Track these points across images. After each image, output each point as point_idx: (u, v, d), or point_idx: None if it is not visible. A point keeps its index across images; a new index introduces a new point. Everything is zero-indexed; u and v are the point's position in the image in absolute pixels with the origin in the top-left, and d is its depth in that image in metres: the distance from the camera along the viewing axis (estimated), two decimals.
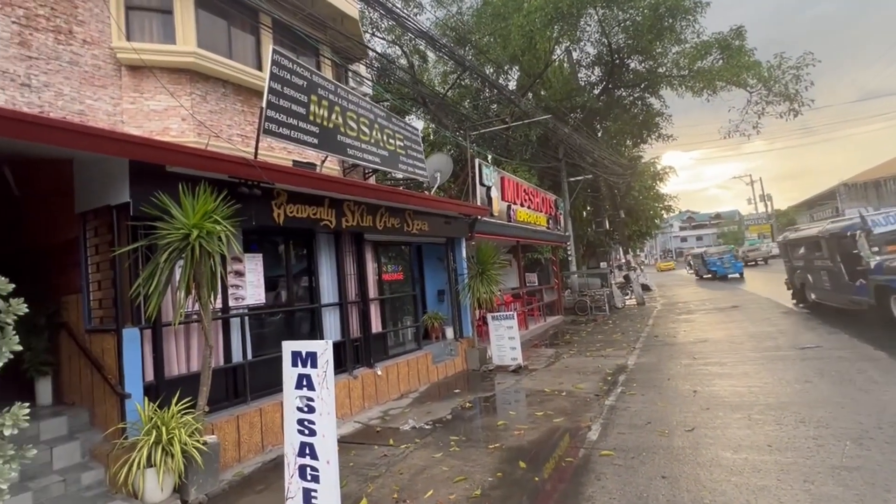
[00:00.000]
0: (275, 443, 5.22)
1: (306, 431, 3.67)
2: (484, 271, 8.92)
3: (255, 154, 5.65)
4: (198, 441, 3.96)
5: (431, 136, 17.38)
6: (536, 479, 3.92)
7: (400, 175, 9.07)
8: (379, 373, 6.90)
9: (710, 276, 28.38)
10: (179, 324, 4.58)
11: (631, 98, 22.63)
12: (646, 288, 24.51)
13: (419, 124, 18.64)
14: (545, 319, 14.94)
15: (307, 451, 3.64)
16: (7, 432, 2.47)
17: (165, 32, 6.93)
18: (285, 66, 6.03)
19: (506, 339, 8.68)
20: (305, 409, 3.70)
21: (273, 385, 5.33)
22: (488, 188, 11.11)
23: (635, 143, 25.13)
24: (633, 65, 21.01)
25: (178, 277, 4.18)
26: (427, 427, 5.59)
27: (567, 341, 11.48)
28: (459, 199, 10.61)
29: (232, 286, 5.46)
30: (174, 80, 6.90)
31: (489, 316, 8.91)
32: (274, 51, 5.83)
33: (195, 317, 4.76)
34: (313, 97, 6.41)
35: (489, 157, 13.62)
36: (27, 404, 2.65)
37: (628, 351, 9.28)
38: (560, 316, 16.43)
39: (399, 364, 7.40)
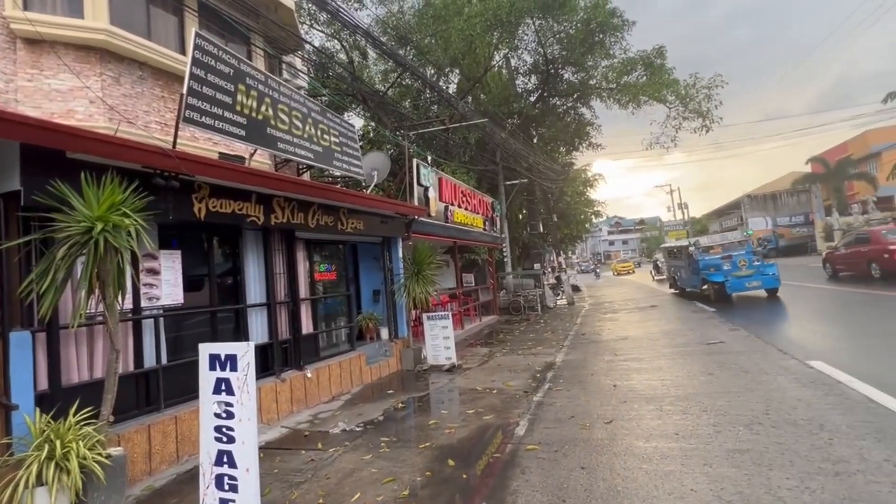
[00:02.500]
0: (192, 452, 4.90)
1: (224, 439, 3.49)
2: (420, 271, 8.93)
3: (174, 143, 5.29)
4: (100, 454, 3.62)
5: (371, 134, 17.15)
6: (465, 475, 3.97)
7: (337, 172, 8.85)
8: (309, 375, 6.69)
9: (703, 289, 14.70)
10: (79, 326, 4.19)
11: (564, 107, 23.66)
12: (575, 289, 25.72)
13: (358, 122, 18.33)
14: (481, 319, 15.22)
15: (225, 460, 3.46)
16: None
17: (72, 5, 6.29)
18: (210, 52, 5.68)
19: (441, 339, 8.74)
20: (224, 415, 3.52)
21: (191, 391, 5.00)
22: (426, 188, 11.14)
23: (568, 151, 26.31)
24: (566, 75, 21.99)
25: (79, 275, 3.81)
26: (358, 429, 5.50)
27: (501, 340, 11.76)
28: (397, 199, 10.55)
29: (145, 285, 5.07)
30: (81, 58, 6.28)
31: (425, 316, 8.93)
32: (197, 34, 5.48)
33: (100, 318, 4.36)
34: (241, 86, 6.10)
35: (429, 157, 13.67)
36: None
37: (557, 349, 9.67)
38: (495, 316, 16.81)
39: (331, 366, 7.22)
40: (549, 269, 27.30)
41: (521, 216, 26.02)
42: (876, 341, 7.07)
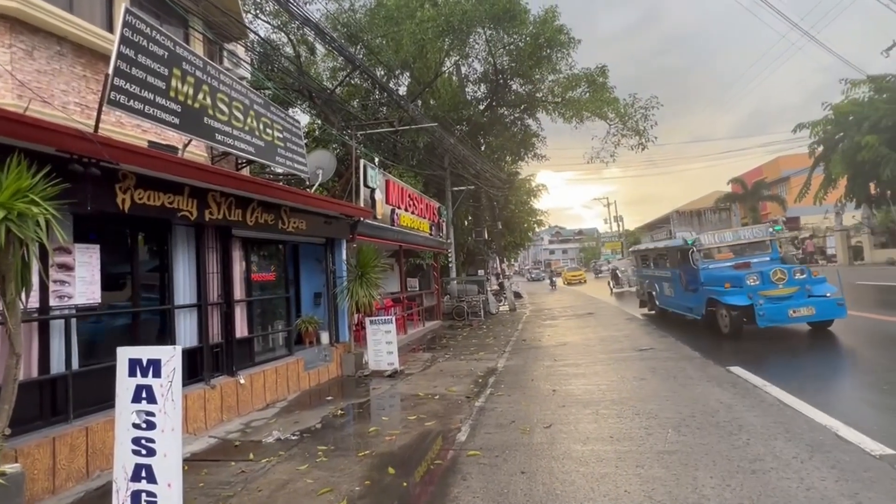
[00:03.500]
0: (105, 467, 4.46)
1: (144, 451, 3.21)
2: (364, 274, 8.73)
3: (96, 127, 4.83)
4: None
5: (317, 132, 16.66)
6: (405, 483, 3.89)
7: (280, 169, 8.49)
8: (242, 381, 6.32)
9: (705, 313, 9.50)
10: None
11: (512, 117, 24.18)
12: (517, 295, 26.30)
13: (303, 119, 17.75)
14: (424, 324, 15.15)
15: (143, 475, 3.18)
16: None
17: None
18: (141, 31, 5.25)
19: (383, 344, 8.58)
20: (144, 425, 3.24)
21: (107, 399, 4.53)
22: (373, 190, 10.96)
23: (514, 160, 26.94)
24: (514, 86, 22.50)
25: None
26: (293, 438, 5.25)
27: (444, 345, 11.76)
28: (343, 200, 10.29)
29: (56, 282, 4.57)
30: None
31: (367, 320, 8.73)
32: (127, 10, 5.05)
33: None
34: (176, 71, 5.69)
35: (376, 159, 13.48)
36: None
37: (499, 354, 9.80)
38: (439, 321, 16.80)
39: (266, 371, 6.86)
40: (493, 276, 27.72)
41: (466, 222, 26.30)
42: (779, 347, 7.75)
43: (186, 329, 5.92)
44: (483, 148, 24.14)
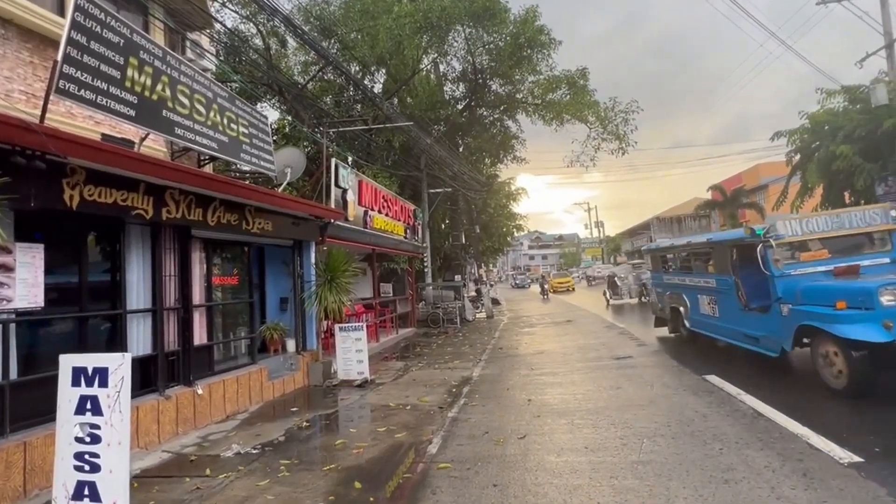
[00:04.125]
0: (44, 485, 4.14)
1: (87, 467, 2.98)
2: (334, 279, 8.43)
3: (42, 117, 4.47)
4: None
5: (286, 129, 16.17)
6: (372, 499, 3.71)
7: (245, 167, 8.14)
8: (200, 391, 5.98)
9: (787, 347, 5.96)
10: None
11: (491, 118, 23.93)
12: (495, 302, 26.15)
13: (273, 114, 17.24)
14: (398, 331, 14.88)
15: (86, 492, 2.94)
16: None
17: None
18: (95, 17, 4.90)
19: (353, 352, 8.28)
20: (88, 438, 3.03)
21: (48, 412, 4.14)
22: (344, 191, 10.68)
23: (493, 162, 26.75)
24: (494, 87, 22.19)
25: None
26: (254, 451, 4.97)
27: (417, 354, 11.52)
28: (312, 200, 9.97)
29: None
30: None
31: (337, 327, 8.43)
32: None
33: None
34: (132, 60, 5.34)
35: (349, 158, 13.19)
36: None
37: (474, 363, 9.63)
38: (413, 328, 16.48)
39: (227, 381, 6.52)
40: (472, 282, 27.49)
41: (443, 226, 26.04)
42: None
43: (139, 336, 5.56)
44: (461, 149, 23.94)
